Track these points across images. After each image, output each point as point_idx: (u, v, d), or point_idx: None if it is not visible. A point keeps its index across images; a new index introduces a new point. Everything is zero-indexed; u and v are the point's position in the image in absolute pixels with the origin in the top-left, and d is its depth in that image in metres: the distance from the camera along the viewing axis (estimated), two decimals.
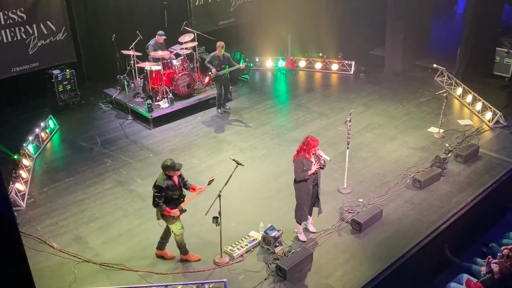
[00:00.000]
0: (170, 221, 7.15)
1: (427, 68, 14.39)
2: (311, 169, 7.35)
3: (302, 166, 7.32)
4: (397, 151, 10.42)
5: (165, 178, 6.93)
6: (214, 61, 11.61)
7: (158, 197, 6.89)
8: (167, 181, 6.91)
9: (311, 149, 7.31)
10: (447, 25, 18.40)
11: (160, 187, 6.86)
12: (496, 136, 10.95)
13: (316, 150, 7.37)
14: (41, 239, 8.00)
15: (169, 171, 6.93)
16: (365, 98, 12.96)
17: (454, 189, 9.14)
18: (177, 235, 7.29)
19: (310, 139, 7.36)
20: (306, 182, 7.44)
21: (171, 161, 6.93)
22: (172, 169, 6.91)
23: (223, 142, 10.93)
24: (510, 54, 13.48)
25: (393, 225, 8.24)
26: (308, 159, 7.34)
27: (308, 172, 7.35)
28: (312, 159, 7.40)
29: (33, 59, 12.19)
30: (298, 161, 7.36)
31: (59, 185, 9.48)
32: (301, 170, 7.33)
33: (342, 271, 7.31)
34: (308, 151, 7.32)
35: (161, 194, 6.88)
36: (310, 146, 7.31)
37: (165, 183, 6.88)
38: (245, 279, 7.17)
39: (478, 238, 9.07)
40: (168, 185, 6.90)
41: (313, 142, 7.32)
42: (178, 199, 7.11)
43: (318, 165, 7.44)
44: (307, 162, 7.34)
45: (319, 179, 7.62)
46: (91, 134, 11.36)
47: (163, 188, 6.87)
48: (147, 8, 13.91)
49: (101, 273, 7.34)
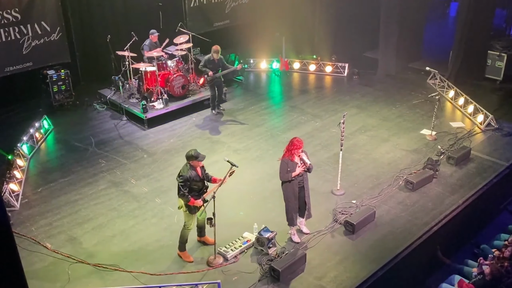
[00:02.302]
0: (193, 211, 7.22)
1: (420, 70, 14.50)
2: (295, 170, 7.39)
3: (287, 167, 7.36)
4: (390, 153, 10.50)
5: (189, 168, 7.05)
6: (209, 64, 11.60)
7: (183, 187, 6.99)
8: (191, 172, 7.04)
9: (295, 150, 7.33)
10: (439, 28, 18.57)
11: (185, 177, 6.99)
12: (488, 138, 11.05)
13: (300, 152, 7.37)
14: (35, 239, 8.00)
15: (193, 161, 7.03)
16: (358, 100, 13.04)
17: (446, 191, 9.22)
18: (186, 228, 7.37)
19: (295, 140, 7.38)
20: (291, 183, 7.47)
21: (194, 151, 7.06)
22: (195, 159, 7.01)
23: (218, 143, 10.96)
24: (501, 58, 13.60)
25: (385, 227, 8.30)
26: (292, 160, 7.38)
27: (292, 173, 7.38)
28: (297, 161, 7.42)
29: (27, 59, 12.15)
30: (283, 162, 7.42)
31: (53, 186, 9.48)
32: (286, 171, 7.37)
33: (335, 272, 7.36)
34: (292, 152, 7.35)
35: (185, 184, 6.99)
36: (295, 147, 7.32)
37: (189, 173, 7.01)
38: (239, 280, 7.20)
39: (469, 240, 9.15)
40: (192, 176, 7.03)
41: (298, 143, 7.33)
42: (200, 190, 7.22)
43: (303, 167, 7.45)
44: (291, 164, 7.37)
45: (305, 183, 7.62)
46: (85, 135, 11.36)
47: (188, 178, 7.00)
48: (142, 9, 13.91)
49: (95, 274, 7.35)
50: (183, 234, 7.47)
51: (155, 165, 10.13)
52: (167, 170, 9.91)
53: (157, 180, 9.59)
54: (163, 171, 9.92)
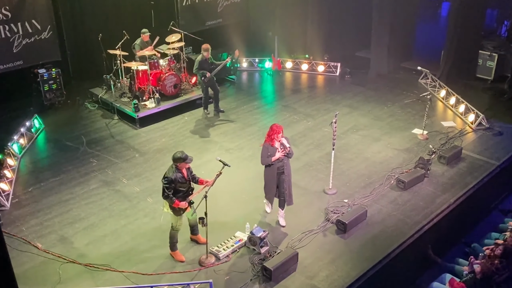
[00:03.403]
0: (177, 213, 7.19)
1: (411, 70, 14.54)
2: (275, 155, 7.64)
3: (267, 152, 7.68)
4: (381, 152, 10.53)
5: (175, 170, 6.99)
6: (203, 65, 11.52)
7: (167, 189, 6.94)
8: (176, 173, 6.98)
9: (274, 135, 7.61)
10: (431, 28, 18.66)
11: (169, 179, 6.92)
12: (479, 138, 11.12)
13: (279, 137, 7.63)
14: (26, 239, 7.95)
15: (180, 163, 6.98)
16: (350, 100, 13.07)
17: (438, 190, 9.27)
18: (173, 228, 7.36)
19: (274, 126, 7.68)
20: (271, 168, 7.77)
21: (181, 153, 6.99)
22: (183, 161, 6.96)
23: (210, 143, 10.94)
24: (492, 57, 13.70)
25: (377, 226, 8.33)
26: (272, 146, 7.64)
27: (272, 158, 7.65)
28: (278, 146, 7.68)
29: (17, 58, 12.07)
30: (264, 146, 7.75)
31: (44, 185, 9.42)
32: (266, 156, 7.69)
33: (327, 271, 7.37)
34: (272, 137, 7.64)
35: (170, 186, 6.94)
36: (274, 132, 7.62)
37: (174, 175, 6.95)
38: (231, 280, 7.19)
39: (460, 239, 9.21)
40: (177, 177, 6.97)
41: (277, 129, 7.62)
42: (186, 192, 7.18)
43: (283, 152, 7.70)
44: (272, 148, 7.67)
45: (286, 168, 7.85)
46: (76, 134, 11.30)
47: (173, 180, 6.93)
48: (134, 8, 13.88)
49: (86, 273, 7.31)
50: (172, 235, 7.46)
51: (147, 165, 10.09)
52: (159, 169, 9.87)
53: (148, 180, 9.56)
54: (155, 170, 9.88)
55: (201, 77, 11.64)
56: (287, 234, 8.05)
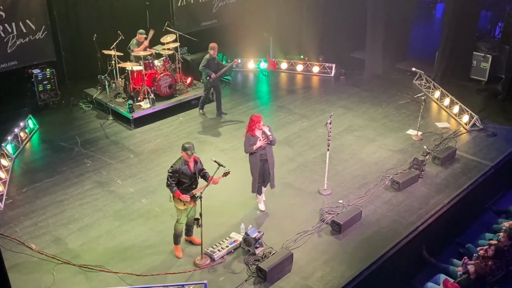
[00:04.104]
0: (179, 205, 7.27)
1: (406, 71, 14.60)
2: (256, 143, 7.98)
3: (249, 141, 8.07)
4: (376, 153, 10.56)
5: (182, 162, 7.14)
6: (210, 64, 11.45)
7: (170, 177, 7.10)
8: (183, 166, 7.13)
9: (255, 125, 8.00)
10: (426, 29, 18.74)
11: (174, 169, 7.10)
12: (473, 138, 11.16)
13: (260, 126, 8.00)
14: (20, 240, 7.91)
15: (182, 152, 7.12)
16: (345, 101, 13.10)
17: (432, 190, 9.30)
18: (177, 222, 7.43)
19: (253, 116, 8.10)
20: (255, 156, 8.15)
21: (188, 143, 7.14)
22: (184, 150, 7.09)
23: (205, 143, 10.93)
24: (486, 59, 13.75)
25: (372, 226, 8.35)
26: (253, 135, 8.02)
27: (254, 146, 7.99)
28: (259, 135, 8.03)
29: (11, 58, 12.01)
30: (246, 137, 8.15)
31: (38, 186, 9.38)
32: (249, 145, 8.07)
33: (322, 272, 7.38)
34: (253, 127, 8.02)
35: (174, 175, 7.09)
36: (254, 122, 8.01)
37: (179, 166, 7.11)
38: (226, 281, 7.19)
39: (455, 239, 9.24)
40: (182, 169, 7.11)
41: (256, 119, 8.03)
42: (189, 186, 7.26)
43: (265, 141, 8.03)
44: (253, 138, 8.05)
45: (269, 156, 8.20)
46: (71, 134, 11.26)
47: (177, 170, 7.09)
48: (129, 8, 13.84)
49: (80, 275, 7.29)
50: (175, 228, 7.53)
51: (142, 165, 10.07)
52: (154, 170, 9.86)
53: (143, 180, 9.54)
54: (149, 171, 9.86)
55: (206, 76, 11.59)
56: (282, 235, 8.05)
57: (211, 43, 11.55)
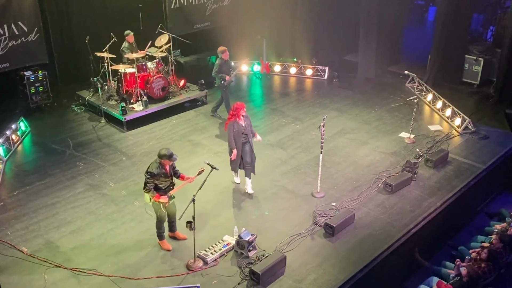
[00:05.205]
0: (157, 206, 7.41)
1: (398, 74, 14.66)
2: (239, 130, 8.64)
3: (233, 128, 8.62)
4: (369, 155, 10.58)
5: (158, 166, 7.19)
6: (223, 68, 11.39)
7: (149, 183, 7.17)
8: (160, 169, 7.19)
9: (240, 111, 8.59)
10: (418, 32, 18.84)
11: (152, 174, 7.16)
12: (465, 141, 11.22)
13: (244, 112, 8.65)
14: (11, 243, 7.84)
15: (165, 160, 7.18)
16: (338, 103, 13.13)
17: (424, 193, 9.33)
18: (157, 219, 7.59)
19: (236, 104, 8.67)
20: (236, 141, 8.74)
21: (167, 150, 7.21)
22: (168, 158, 7.19)
23: (198, 146, 10.91)
24: (478, 62, 13.84)
25: (365, 229, 8.36)
26: (238, 121, 8.59)
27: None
28: (242, 123, 8.63)
29: (3, 60, 11.91)
30: (229, 124, 8.68)
31: (29, 189, 9.31)
32: (232, 131, 8.62)
33: (315, 274, 7.38)
34: (238, 114, 8.59)
35: (152, 180, 7.16)
36: (238, 109, 8.59)
37: (157, 171, 7.16)
38: (219, 284, 7.16)
39: (447, 242, 9.27)
40: (160, 173, 7.18)
41: (239, 106, 8.63)
42: (167, 187, 7.38)
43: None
44: (237, 124, 8.60)
45: (250, 139, 8.82)
46: (63, 137, 11.20)
47: (155, 175, 7.16)
48: (122, 10, 13.80)
49: (72, 278, 7.24)
50: (157, 225, 7.71)
51: (134, 168, 10.03)
52: None
53: (136, 183, 9.49)
54: (142, 174, 9.67)
55: (220, 80, 11.50)
56: (275, 238, 8.04)
57: (219, 47, 11.48)
